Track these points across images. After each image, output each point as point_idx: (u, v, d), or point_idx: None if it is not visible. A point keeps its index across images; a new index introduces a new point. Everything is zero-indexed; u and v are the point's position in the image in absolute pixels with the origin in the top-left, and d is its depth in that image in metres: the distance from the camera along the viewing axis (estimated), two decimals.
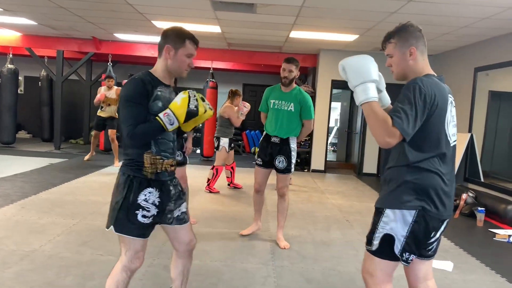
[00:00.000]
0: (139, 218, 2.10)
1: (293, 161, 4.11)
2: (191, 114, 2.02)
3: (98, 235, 4.08)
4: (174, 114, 1.99)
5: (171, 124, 2.00)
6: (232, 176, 6.82)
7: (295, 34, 7.50)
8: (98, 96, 7.99)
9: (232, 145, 6.62)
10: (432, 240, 2.01)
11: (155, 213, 2.15)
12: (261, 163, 4.16)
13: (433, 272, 3.61)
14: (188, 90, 2.09)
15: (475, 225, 5.34)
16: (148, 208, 2.11)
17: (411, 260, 1.96)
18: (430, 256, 2.09)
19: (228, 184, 6.86)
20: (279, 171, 4.08)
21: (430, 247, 2.04)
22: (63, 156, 9.14)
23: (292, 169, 4.12)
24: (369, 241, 1.99)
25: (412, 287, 2.19)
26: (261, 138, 4.25)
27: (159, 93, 2.09)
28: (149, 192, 2.11)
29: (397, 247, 1.91)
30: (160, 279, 3.18)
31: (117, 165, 8.26)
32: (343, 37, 7.53)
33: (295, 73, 4.00)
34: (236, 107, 6.28)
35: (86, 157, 8.56)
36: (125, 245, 2.15)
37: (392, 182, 1.96)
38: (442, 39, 7.07)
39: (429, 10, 5.37)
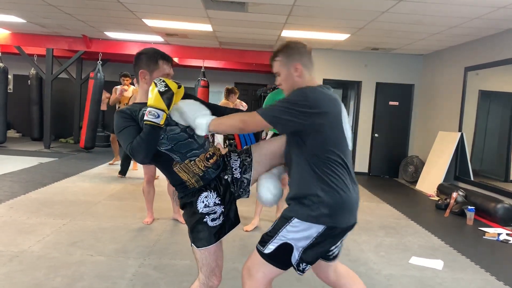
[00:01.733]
0: (209, 223, 2.00)
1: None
2: (165, 95, 1.87)
3: (88, 236, 4.04)
4: (152, 106, 1.87)
5: (158, 117, 1.86)
6: None
7: (286, 33, 7.49)
8: (115, 95, 7.39)
9: (227, 142, 6.60)
10: (337, 246, 2.05)
11: (223, 210, 2.05)
12: None
13: (423, 271, 3.64)
14: (152, 81, 1.99)
15: (465, 224, 5.37)
16: (214, 210, 2.02)
17: (307, 270, 1.96)
18: (334, 259, 2.10)
19: None
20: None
21: (332, 253, 2.07)
22: (53, 155, 9.05)
23: None
24: (264, 243, 1.92)
25: (326, 282, 2.23)
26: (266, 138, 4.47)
27: (145, 111, 1.96)
28: (205, 197, 2.02)
29: (294, 257, 1.90)
30: (150, 279, 3.16)
31: (113, 163, 8.20)
32: (334, 36, 7.54)
33: None
34: (233, 106, 6.26)
35: (111, 162, 8.31)
36: (201, 260, 2.06)
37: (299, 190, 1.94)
38: (433, 38, 7.11)
39: (419, 9, 5.39)
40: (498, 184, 6.30)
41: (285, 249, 1.88)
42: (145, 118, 1.88)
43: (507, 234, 4.86)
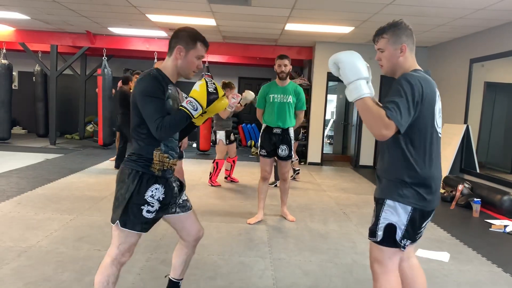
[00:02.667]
0: (144, 213, 2.15)
1: (293, 148, 4.64)
2: (210, 97, 2.05)
3: (95, 231, 4.07)
4: (195, 100, 2.03)
5: (195, 110, 2.03)
6: (231, 170, 6.81)
7: (290, 26, 7.47)
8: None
9: (232, 137, 6.58)
10: (423, 227, 2.13)
11: (158, 208, 2.19)
12: (265, 153, 4.57)
13: (429, 263, 3.64)
14: (204, 77, 2.14)
15: (471, 216, 5.37)
16: (153, 203, 2.16)
17: (407, 245, 2.08)
18: (417, 240, 2.19)
19: (226, 177, 6.86)
20: (282, 158, 4.54)
21: (419, 233, 2.14)
22: (59, 151, 9.10)
23: (293, 156, 4.62)
24: (373, 233, 2.07)
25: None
26: (262, 131, 4.61)
27: (170, 91, 2.13)
28: (156, 189, 2.16)
29: (398, 235, 2.02)
30: (158, 272, 3.18)
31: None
32: (338, 29, 7.51)
33: (289, 66, 4.49)
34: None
35: (112, 158, 8.12)
36: (120, 239, 2.19)
37: (390, 174, 2.04)
38: (438, 30, 7.06)
39: (424, 1, 5.36)
40: (504, 176, 6.27)
41: (390, 229, 2.02)
42: (184, 105, 2.04)
43: None
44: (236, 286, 3.05)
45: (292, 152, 4.62)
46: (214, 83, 2.10)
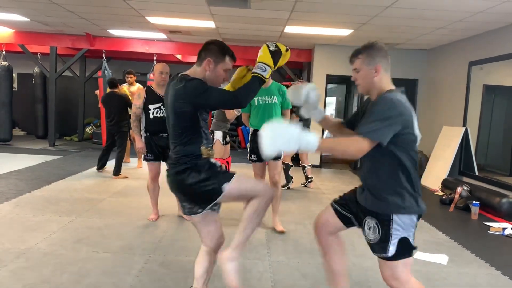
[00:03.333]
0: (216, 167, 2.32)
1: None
2: (275, 54, 2.22)
3: (94, 233, 4.07)
4: (261, 62, 2.21)
5: (264, 71, 2.20)
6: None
7: (289, 29, 7.48)
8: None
9: (228, 139, 6.59)
10: None
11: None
12: (255, 159, 4.41)
13: (428, 266, 3.64)
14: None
15: (469, 219, 5.37)
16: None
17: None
18: None
19: None
20: (271, 159, 4.33)
21: None
22: (58, 153, 9.09)
23: (282, 156, 4.40)
24: (384, 249, 2.09)
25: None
26: (250, 135, 4.47)
27: None
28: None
29: (411, 245, 2.11)
30: (156, 275, 3.18)
31: (128, 161, 8.20)
32: (337, 32, 7.53)
33: None
34: None
35: (138, 166, 7.92)
36: (240, 190, 2.29)
37: (389, 188, 2.11)
38: (436, 33, 7.08)
39: (423, 4, 5.37)
40: (503, 179, 6.28)
41: (404, 242, 2.08)
42: (254, 70, 2.21)
43: None
44: None
45: (282, 152, 4.48)
46: (274, 43, 2.27)
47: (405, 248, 2.08)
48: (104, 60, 9.68)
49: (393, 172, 2.09)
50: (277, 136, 1.90)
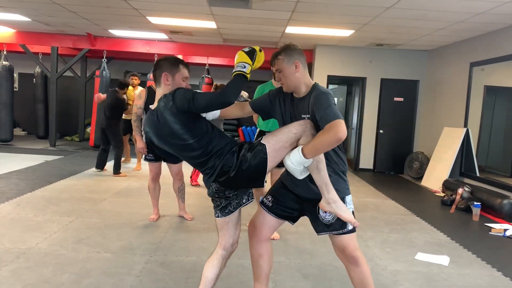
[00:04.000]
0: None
1: None
2: (250, 53, 2.29)
3: (94, 233, 4.06)
4: (239, 61, 2.26)
5: (244, 68, 2.25)
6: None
7: (291, 29, 7.48)
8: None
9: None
10: None
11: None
12: None
13: (429, 267, 3.64)
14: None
15: (471, 220, 5.36)
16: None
17: None
18: None
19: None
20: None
21: None
22: (59, 153, 9.09)
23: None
24: (344, 225, 2.29)
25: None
26: (256, 136, 4.28)
27: None
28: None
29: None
30: (157, 275, 3.17)
31: (129, 160, 8.21)
32: (339, 32, 7.52)
33: None
34: None
35: (136, 168, 7.76)
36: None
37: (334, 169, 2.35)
38: (437, 34, 7.08)
39: (424, 5, 5.37)
40: (504, 180, 6.27)
41: (353, 214, 2.33)
42: (234, 70, 2.25)
43: None
44: None
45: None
46: (246, 47, 2.34)
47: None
48: (104, 60, 9.68)
49: (335, 154, 2.32)
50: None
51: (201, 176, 6.75)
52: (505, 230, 4.82)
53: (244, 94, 5.81)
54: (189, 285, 3.04)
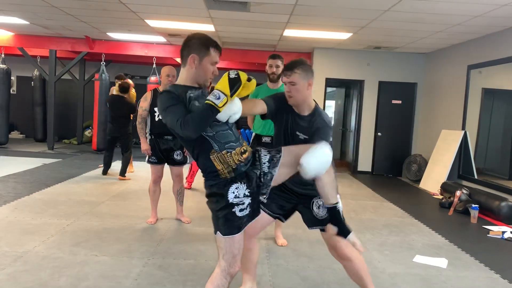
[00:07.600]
0: (238, 213, 2.08)
1: None
2: (233, 83, 1.95)
3: (92, 236, 4.05)
4: (217, 89, 1.94)
5: (218, 98, 1.92)
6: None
7: (289, 32, 7.49)
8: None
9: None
10: None
11: (250, 201, 2.13)
12: None
13: (427, 269, 3.64)
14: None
15: (469, 222, 5.36)
16: (243, 201, 2.10)
17: None
18: None
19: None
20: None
21: None
22: (56, 156, 9.08)
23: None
24: (349, 230, 2.34)
25: None
26: (252, 140, 4.16)
27: (191, 95, 2.07)
28: (236, 188, 2.09)
29: None
30: (155, 278, 3.17)
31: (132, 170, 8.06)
32: (337, 35, 7.54)
33: (281, 67, 3.92)
34: None
35: (128, 170, 7.54)
36: (222, 249, 2.14)
37: None
38: (435, 37, 7.10)
39: (421, 8, 5.38)
40: (502, 182, 6.28)
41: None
42: (207, 98, 1.95)
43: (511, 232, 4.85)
44: None
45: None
46: (236, 71, 2.00)
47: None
48: (103, 63, 9.68)
49: None
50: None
51: (198, 179, 6.78)
52: (503, 232, 4.82)
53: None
54: None
